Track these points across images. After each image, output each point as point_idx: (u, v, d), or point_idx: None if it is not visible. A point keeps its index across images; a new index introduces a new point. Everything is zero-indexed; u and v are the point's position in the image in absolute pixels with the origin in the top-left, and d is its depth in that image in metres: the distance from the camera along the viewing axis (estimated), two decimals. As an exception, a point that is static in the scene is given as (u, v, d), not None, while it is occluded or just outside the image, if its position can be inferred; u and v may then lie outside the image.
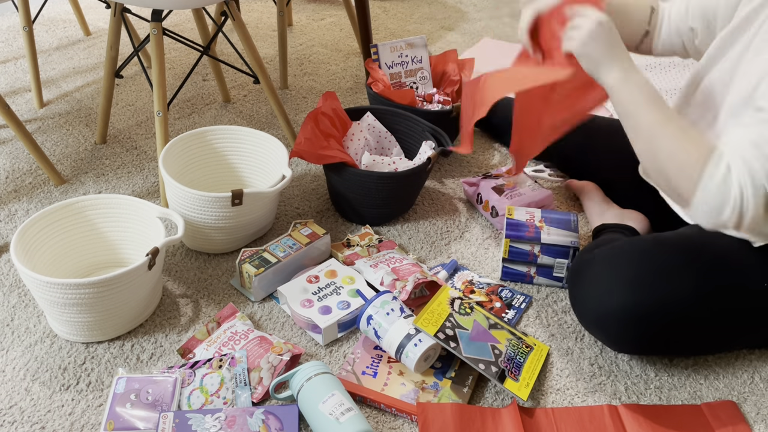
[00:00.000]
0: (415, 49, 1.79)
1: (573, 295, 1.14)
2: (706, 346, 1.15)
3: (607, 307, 1.07)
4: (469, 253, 1.41)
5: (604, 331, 1.10)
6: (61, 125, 1.77)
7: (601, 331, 1.10)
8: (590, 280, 1.10)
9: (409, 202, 1.49)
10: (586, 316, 1.11)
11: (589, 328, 1.12)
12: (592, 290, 1.09)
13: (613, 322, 1.07)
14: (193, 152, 1.45)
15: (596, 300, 1.08)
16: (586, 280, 1.11)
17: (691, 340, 1.11)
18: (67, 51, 2.16)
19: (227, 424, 0.99)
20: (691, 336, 1.09)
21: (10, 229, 1.42)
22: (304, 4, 2.62)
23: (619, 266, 1.08)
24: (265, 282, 1.25)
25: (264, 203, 1.34)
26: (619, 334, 1.08)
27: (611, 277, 1.08)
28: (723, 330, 1.10)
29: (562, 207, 1.55)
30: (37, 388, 1.09)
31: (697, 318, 1.06)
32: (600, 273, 1.09)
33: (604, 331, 1.10)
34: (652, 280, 1.06)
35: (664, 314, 1.05)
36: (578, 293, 1.13)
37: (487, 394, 1.11)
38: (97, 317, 1.13)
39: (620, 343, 1.11)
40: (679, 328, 1.07)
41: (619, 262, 1.09)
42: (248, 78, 2.04)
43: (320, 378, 1.03)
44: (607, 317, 1.07)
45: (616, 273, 1.08)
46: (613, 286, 1.07)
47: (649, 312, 1.05)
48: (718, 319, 1.08)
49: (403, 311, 1.14)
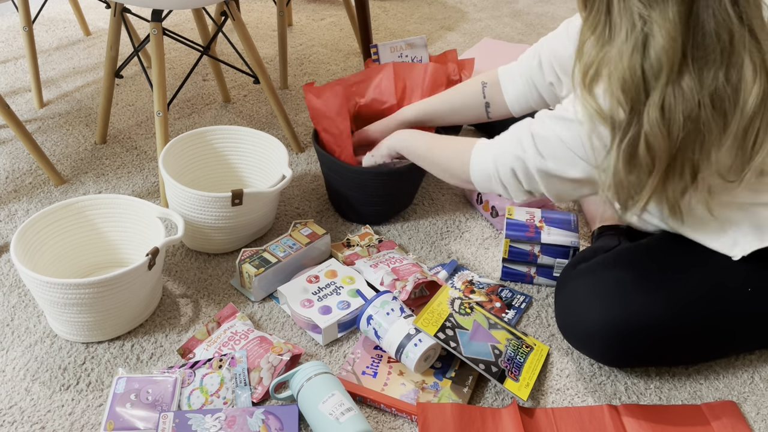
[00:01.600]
0: (415, 49, 1.78)
1: (557, 313, 1.15)
2: (697, 356, 1.15)
3: (588, 324, 1.07)
4: (469, 253, 1.41)
5: (589, 349, 1.10)
6: (61, 125, 1.77)
7: (586, 348, 1.11)
8: (571, 298, 1.11)
9: (407, 199, 1.49)
10: (570, 334, 1.12)
11: (575, 344, 1.13)
12: (573, 308, 1.10)
13: (597, 339, 1.07)
14: (193, 152, 1.45)
15: (577, 318, 1.09)
16: (566, 299, 1.12)
17: (681, 352, 1.11)
18: (67, 51, 2.16)
19: (227, 424, 0.99)
20: (680, 348, 1.09)
21: (10, 229, 1.42)
22: (304, 4, 2.62)
23: (595, 284, 1.09)
24: (265, 282, 1.25)
25: (264, 203, 1.34)
26: (603, 351, 1.09)
27: (588, 295, 1.08)
28: (710, 340, 1.10)
29: (562, 207, 1.55)
30: (37, 388, 1.09)
31: (682, 329, 1.06)
32: (579, 291, 1.10)
33: (589, 349, 1.10)
34: (631, 296, 1.06)
35: (647, 328, 1.05)
36: (560, 312, 1.14)
37: (487, 394, 1.11)
38: (97, 317, 1.13)
39: (607, 359, 1.11)
40: (666, 341, 1.07)
41: (597, 280, 1.09)
42: (248, 78, 2.04)
43: (320, 378, 1.03)
44: (591, 335, 1.07)
45: (593, 291, 1.08)
46: (591, 305, 1.07)
47: (631, 327, 1.05)
48: (704, 329, 1.07)
49: (403, 311, 1.14)
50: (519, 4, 2.69)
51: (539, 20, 2.54)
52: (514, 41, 2.37)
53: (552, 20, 2.53)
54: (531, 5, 2.69)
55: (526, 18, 2.56)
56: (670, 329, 1.06)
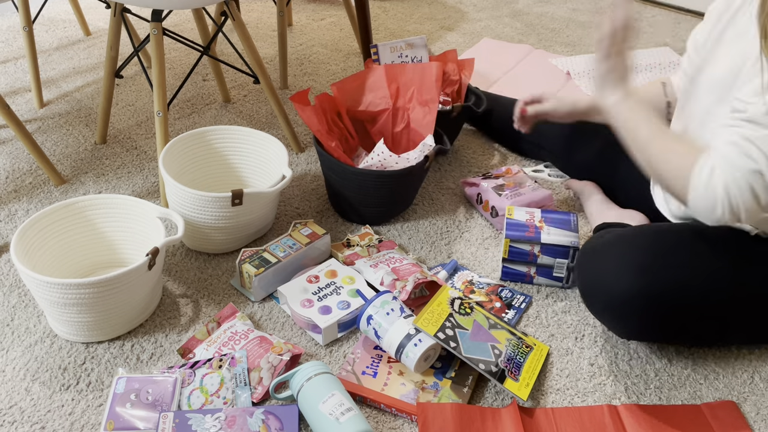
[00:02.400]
0: (415, 50, 1.79)
1: (581, 279, 1.14)
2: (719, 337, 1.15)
3: (615, 290, 1.07)
4: (469, 253, 1.41)
5: (613, 317, 1.10)
6: (61, 125, 1.77)
7: (610, 316, 1.11)
8: (598, 264, 1.11)
9: (407, 200, 1.49)
10: (594, 302, 1.12)
11: (598, 313, 1.13)
12: (599, 274, 1.10)
13: (621, 307, 1.07)
14: (193, 152, 1.45)
15: (604, 284, 1.09)
16: (594, 265, 1.12)
17: (706, 330, 1.11)
18: (67, 51, 2.16)
19: (227, 424, 0.99)
20: (706, 325, 1.10)
21: (10, 229, 1.42)
22: (304, 4, 2.62)
23: (626, 251, 1.09)
24: (265, 282, 1.25)
25: (264, 203, 1.34)
26: (626, 319, 1.09)
27: (619, 261, 1.08)
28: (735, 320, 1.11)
29: (562, 207, 1.55)
30: (37, 388, 1.09)
31: (705, 301, 1.07)
32: (607, 258, 1.10)
33: (612, 317, 1.10)
34: (660, 264, 1.06)
35: (673, 298, 1.05)
36: (586, 276, 1.13)
37: (487, 394, 1.11)
38: (97, 317, 1.13)
39: (629, 329, 1.11)
40: (694, 316, 1.08)
41: (626, 247, 1.10)
42: (248, 78, 2.04)
43: (320, 378, 1.03)
44: (616, 301, 1.07)
45: (624, 257, 1.08)
46: (621, 270, 1.07)
47: (658, 295, 1.05)
48: (731, 309, 1.09)
49: (403, 311, 1.14)
50: (519, 4, 2.69)
51: (539, 20, 2.54)
52: (514, 41, 2.37)
53: (552, 20, 2.53)
54: (531, 5, 2.69)
55: (526, 18, 2.56)
56: (700, 305, 1.07)
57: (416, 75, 1.53)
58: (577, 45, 2.35)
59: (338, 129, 1.52)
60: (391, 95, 1.54)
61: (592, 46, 2.34)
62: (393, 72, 1.55)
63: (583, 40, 2.38)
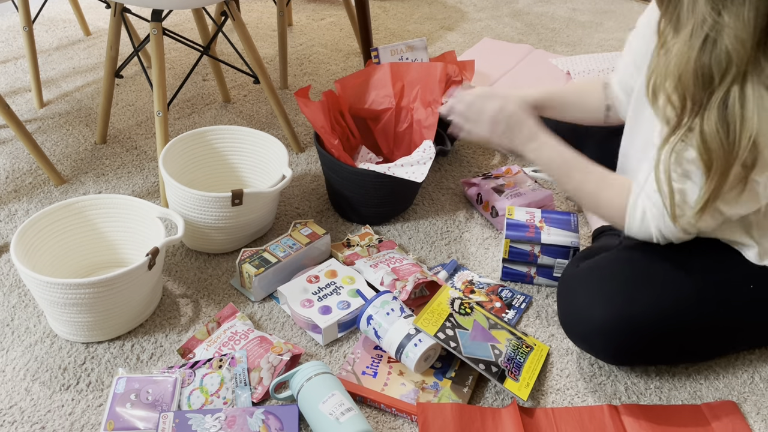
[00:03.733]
0: (415, 52, 1.79)
1: (560, 310, 1.14)
2: (700, 355, 1.15)
3: (589, 321, 1.07)
4: (469, 253, 1.41)
5: (592, 346, 1.10)
6: (61, 125, 1.77)
7: (588, 345, 1.10)
8: (573, 296, 1.11)
9: (407, 200, 1.49)
10: (572, 331, 1.12)
11: (577, 341, 1.12)
12: (576, 305, 1.10)
13: (600, 336, 1.07)
14: (193, 152, 1.45)
15: (581, 314, 1.08)
16: (569, 296, 1.12)
17: (683, 351, 1.11)
18: (67, 51, 2.16)
19: (227, 424, 0.99)
20: (682, 346, 1.09)
21: (10, 229, 1.42)
22: (304, 4, 2.62)
23: (597, 281, 1.09)
24: (265, 282, 1.25)
25: (264, 203, 1.34)
26: (606, 348, 1.08)
27: (591, 291, 1.08)
28: (712, 338, 1.10)
29: (562, 207, 1.55)
30: (37, 388, 1.09)
31: (685, 327, 1.06)
32: (581, 289, 1.10)
33: (591, 345, 1.10)
34: (630, 292, 1.06)
35: (650, 324, 1.05)
36: (562, 308, 1.13)
37: (487, 394, 1.11)
38: (97, 317, 1.13)
39: (609, 357, 1.11)
40: (669, 338, 1.07)
41: (597, 277, 1.09)
42: (248, 78, 2.04)
43: (320, 378, 1.03)
44: (594, 332, 1.07)
45: (595, 287, 1.08)
46: (593, 301, 1.07)
47: (635, 324, 1.04)
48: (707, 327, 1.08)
49: (403, 311, 1.14)
50: (519, 4, 2.69)
51: (539, 20, 2.54)
52: (514, 41, 2.37)
53: (552, 20, 2.53)
54: (531, 5, 2.69)
55: (526, 18, 2.56)
56: (673, 326, 1.06)
57: (421, 74, 1.53)
58: (577, 45, 2.35)
59: (340, 127, 1.52)
60: (395, 94, 1.54)
61: (592, 46, 2.34)
62: (398, 70, 1.54)
63: (583, 40, 2.38)
